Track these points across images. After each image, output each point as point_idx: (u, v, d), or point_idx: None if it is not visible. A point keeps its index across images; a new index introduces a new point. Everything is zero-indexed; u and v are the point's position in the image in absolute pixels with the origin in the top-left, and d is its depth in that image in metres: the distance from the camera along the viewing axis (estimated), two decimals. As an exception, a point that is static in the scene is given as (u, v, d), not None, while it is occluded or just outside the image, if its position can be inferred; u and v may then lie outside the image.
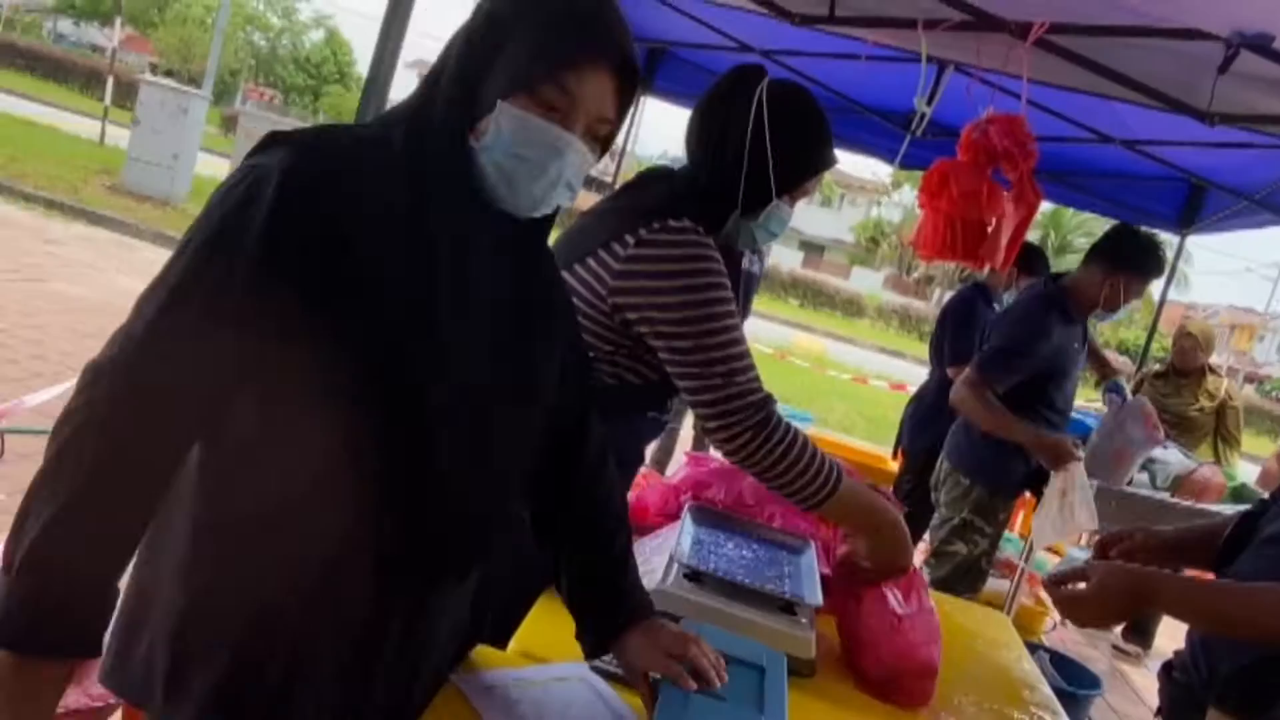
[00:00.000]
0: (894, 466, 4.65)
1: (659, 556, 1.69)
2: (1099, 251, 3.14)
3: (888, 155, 5.16)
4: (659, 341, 1.58)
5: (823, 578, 1.89)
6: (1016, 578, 3.59)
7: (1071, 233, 33.24)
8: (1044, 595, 4.35)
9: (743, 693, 1.19)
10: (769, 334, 16.20)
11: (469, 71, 1.04)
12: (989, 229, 2.57)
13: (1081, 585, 1.53)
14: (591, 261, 1.59)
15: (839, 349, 18.52)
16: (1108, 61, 2.54)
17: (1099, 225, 25.15)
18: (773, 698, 1.20)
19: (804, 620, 1.59)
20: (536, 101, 1.02)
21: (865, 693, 1.61)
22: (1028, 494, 3.52)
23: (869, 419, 9.06)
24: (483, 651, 1.38)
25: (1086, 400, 3.96)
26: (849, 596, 1.72)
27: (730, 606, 1.56)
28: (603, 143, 1.11)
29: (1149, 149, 4.21)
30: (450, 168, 1.04)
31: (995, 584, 3.83)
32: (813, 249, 44.07)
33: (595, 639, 1.28)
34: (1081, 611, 1.56)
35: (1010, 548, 4.13)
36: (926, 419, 4.06)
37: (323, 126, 1.10)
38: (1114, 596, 1.50)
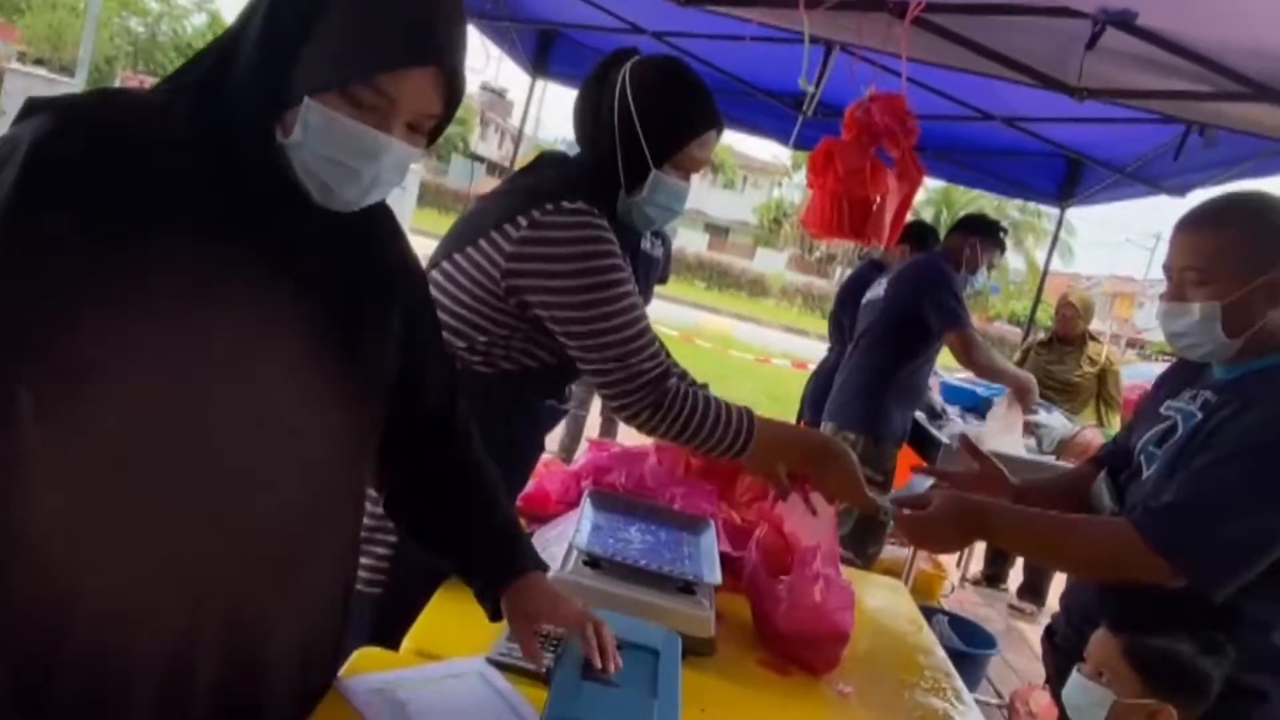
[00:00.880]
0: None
1: (559, 544, 1.67)
2: (961, 223, 3.81)
3: (782, 137, 5.23)
4: (555, 325, 1.57)
5: (725, 556, 1.93)
6: (912, 553, 3.71)
7: (963, 209, 34.40)
8: (939, 558, 4.50)
9: (636, 677, 1.18)
10: (676, 317, 16.31)
11: (273, 57, 0.93)
12: (874, 206, 2.62)
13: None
14: (484, 243, 1.57)
15: (745, 329, 18.78)
16: (983, 39, 2.62)
17: (990, 202, 26.13)
18: (666, 680, 1.19)
19: (703, 600, 1.60)
20: (349, 100, 0.93)
21: (769, 665, 1.63)
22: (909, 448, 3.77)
23: (773, 397, 9.21)
24: (370, 653, 1.34)
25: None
26: (764, 564, 1.75)
27: (629, 590, 1.55)
28: (430, 134, 1.02)
29: (1028, 126, 4.37)
30: (262, 167, 0.95)
31: (895, 552, 3.94)
32: (718, 231, 44.52)
33: (487, 588, 1.26)
34: (921, 535, 1.68)
35: (909, 516, 4.26)
36: (825, 395, 4.14)
37: (96, 90, 0.98)
38: (951, 522, 1.61)
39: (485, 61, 6.26)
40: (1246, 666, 1.47)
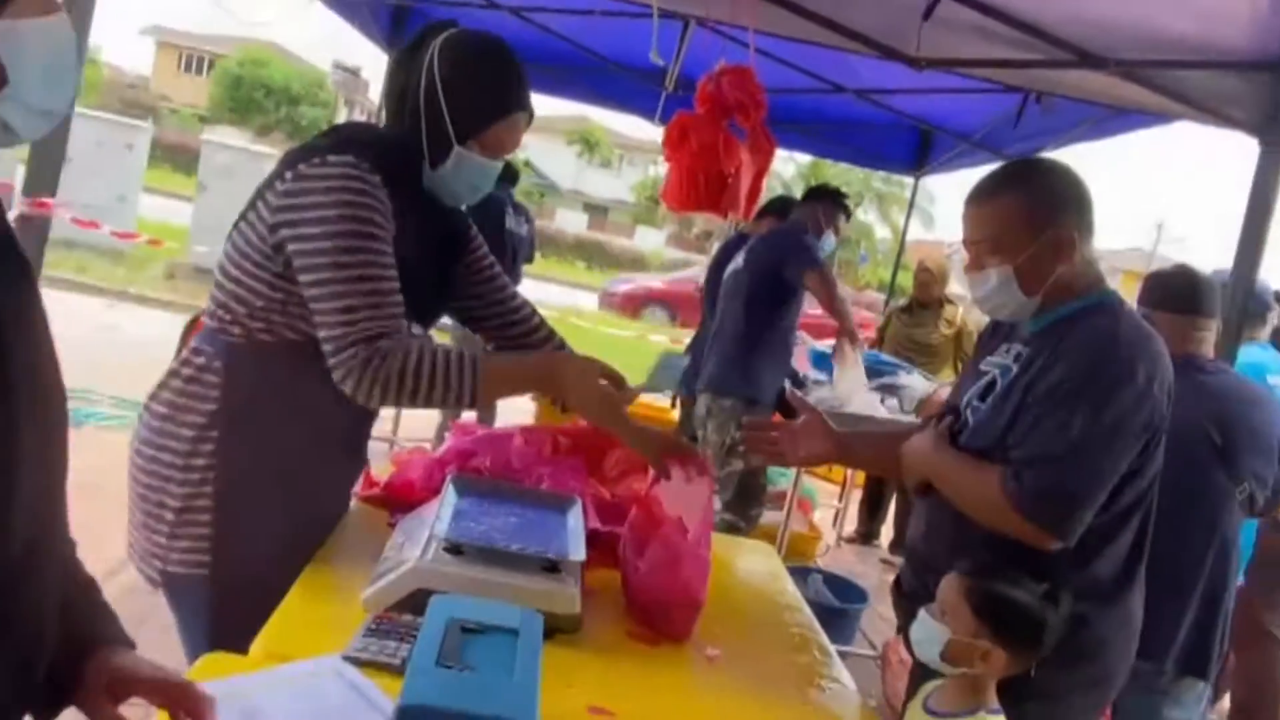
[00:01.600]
0: (674, 415, 4.79)
1: (419, 533, 1.63)
2: (806, 194, 4.07)
3: (648, 113, 5.24)
4: (301, 275, 1.53)
5: (595, 532, 1.93)
6: (788, 505, 3.81)
7: (832, 182, 35.36)
8: (814, 520, 4.65)
9: (494, 659, 1.16)
10: (557, 297, 16.24)
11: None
12: (729, 179, 2.66)
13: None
14: (258, 204, 1.56)
15: (627, 307, 18.82)
16: (825, 11, 2.68)
17: (857, 174, 26.94)
18: (525, 660, 1.18)
19: (568, 578, 1.59)
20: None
21: (638, 636, 1.65)
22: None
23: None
24: (216, 659, 1.28)
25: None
26: (633, 537, 1.75)
27: (492, 574, 1.53)
28: None
29: (879, 98, 4.51)
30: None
31: (774, 516, 4.04)
32: (596, 210, 44.46)
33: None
34: (779, 446, 1.83)
35: (782, 480, 4.38)
36: (698, 367, 4.20)
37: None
38: (813, 435, 1.78)
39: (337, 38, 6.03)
40: (1077, 585, 1.60)
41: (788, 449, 1.89)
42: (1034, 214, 1.64)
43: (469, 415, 5.45)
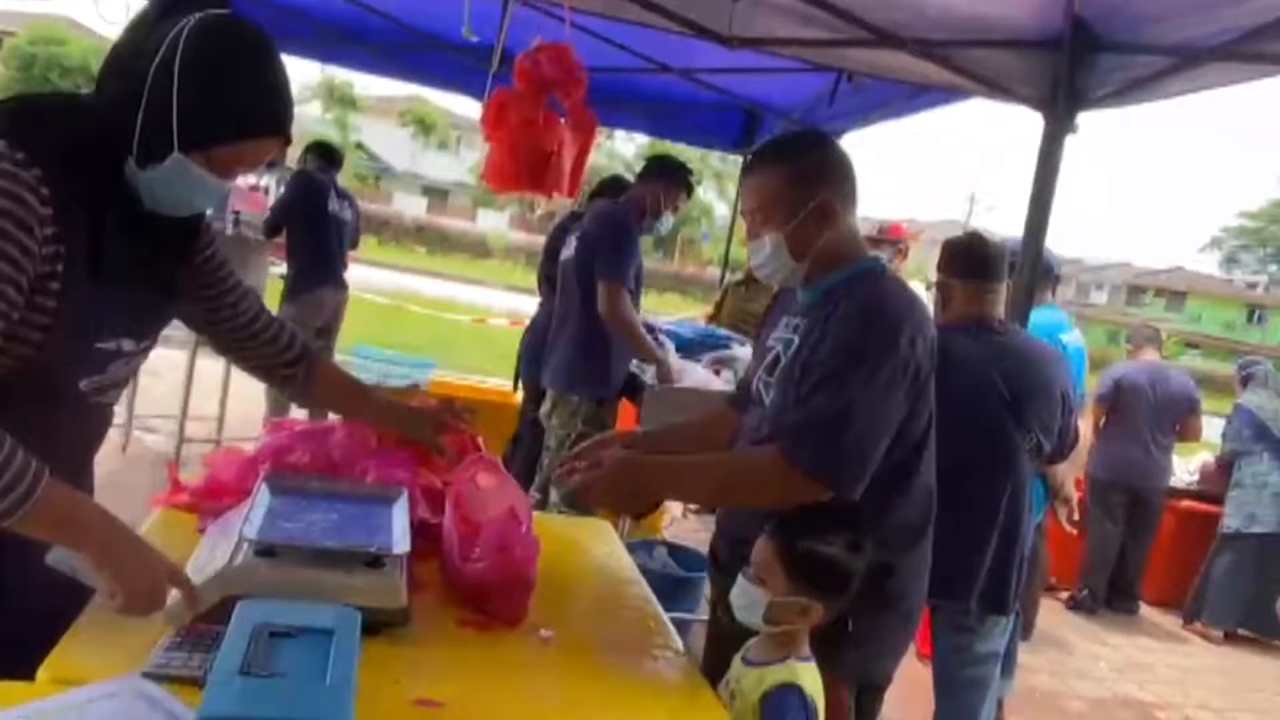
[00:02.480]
0: (517, 399, 4.76)
1: (228, 537, 1.55)
2: (647, 170, 3.78)
3: (476, 93, 5.13)
4: None
5: (425, 523, 1.89)
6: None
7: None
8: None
9: (304, 664, 1.12)
10: (395, 283, 15.79)
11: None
12: (551, 157, 2.64)
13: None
14: None
15: (469, 292, 18.56)
16: (641, -10, 2.69)
17: (694, 153, 27.42)
18: (339, 661, 1.14)
19: (393, 571, 1.55)
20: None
21: (470, 623, 1.63)
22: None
23: (501, 356, 9.21)
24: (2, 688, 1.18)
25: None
26: (456, 522, 1.73)
27: (309, 574, 1.48)
28: None
29: (705, 77, 4.58)
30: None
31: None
32: (435, 194, 43.40)
33: None
34: (593, 494, 1.74)
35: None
36: (538, 350, 4.18)
37: None
38: (618, 482, 1.71)
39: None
40: (875, 532, 1.70)
41: (589, 488, 1.75)
42: (800, 184, 1.76)
43: (299, 413, 5.24)
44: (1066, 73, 2.86)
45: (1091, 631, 5.31)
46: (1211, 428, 5.84)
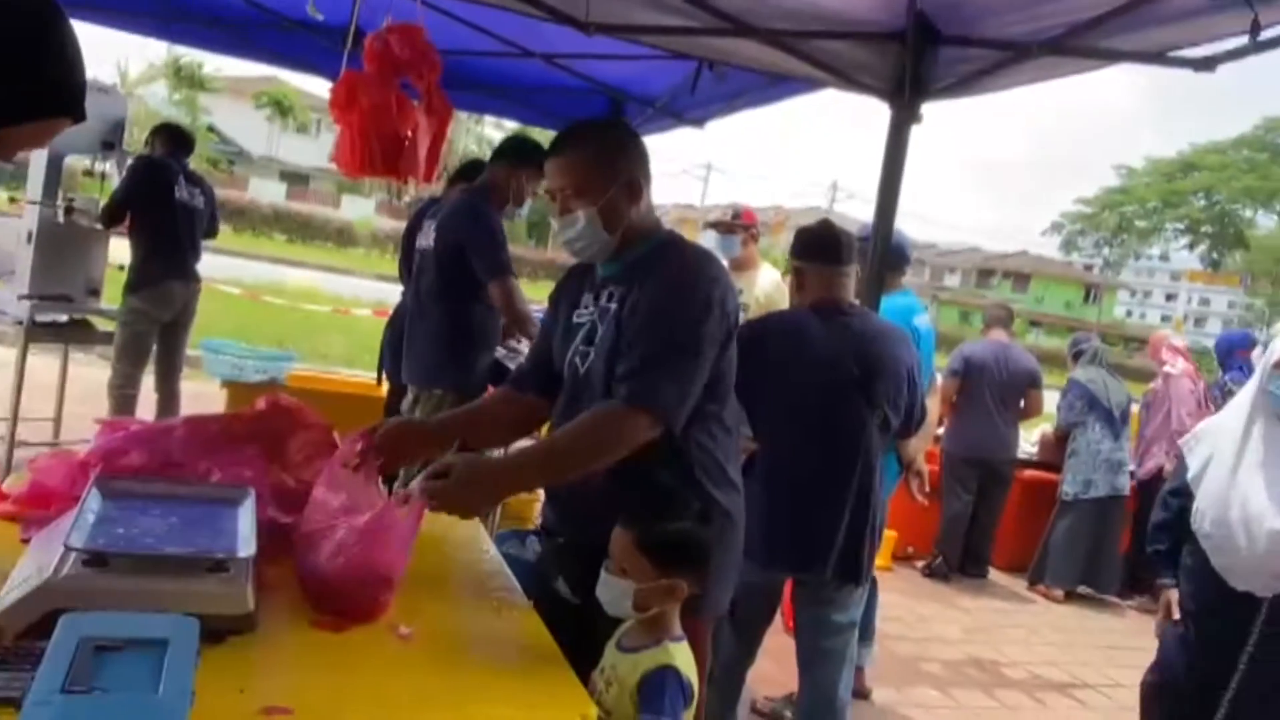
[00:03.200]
0: (383, 390, 4.63)
1: (54, 546, 1.45)
2: (502, 153, 3.55)
3: (331, 74, 4.95)
4: None
5: (275, 524, 1.82)
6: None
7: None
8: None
9: (134, 677, 1.06)
10: (254, 273, 15.10)
11: None
12: (406, 142, 2.56)
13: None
14: None
15: (333, 281, 17.94)
16: (498, -27, 2.64)
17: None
18: (174, 672, 1.09)
19: (238, 576, 1.49)
20: None
21: (324, 625, 1.58)
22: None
23: (366, 348, 8.94)
24: None
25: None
26: (313, 521, 1.71)
27: (145, 584, 1.41)
28: None
29: (567, 62, 4.55)
30: None
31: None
32: (296, 179, 41.67)
33: None
34: (448, 504, 1.73)
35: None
36: (403, 341, 4.07)
37: None
38: (469, 488, 1.73)
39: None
40: (712, 485, 1.85)
41: (436, 497, 1.73)
42: (610, 162, 1.89)
43: (145, 412, 4.95)
44: (910, 65, 2.99)
45: (946, 597, 5.60)
46: (1051, 402, 6.26)
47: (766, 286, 4.20)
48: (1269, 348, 2.59)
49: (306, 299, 12.56)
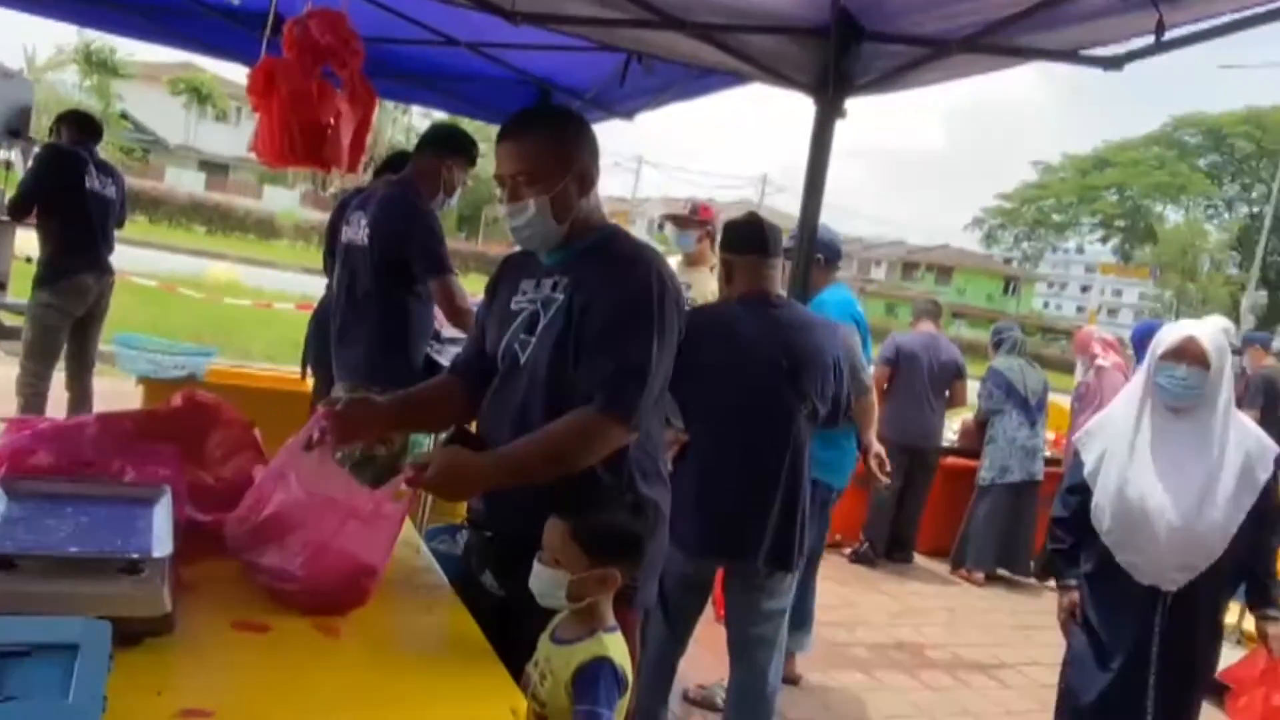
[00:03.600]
0: (309, 386, 4.53)
1: (-45, 552, 1.39)
2: (429, 143, 3.40)
3: (250, 61, 4.80)
4: None
5: (194, 523, 1.77)
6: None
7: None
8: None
9: (42, 683, 1.03)
10: (170, 266, 14.63)
11: None
12: (328, 130, 2.51)
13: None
14: None
15: (256, 274, 17.47)
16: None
17: (492, 127, 26.96)
18: (85, 676, 1.05)
19: (154, 577, 1.44)
20: None
21: (249, 626, 1.56)
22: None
23: (290, 342, 8.73)
24: None
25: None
26: (276, 520, 1.71)
27: (53, 586, 1.36)
28: None
29: (495, 52, 4.50)
30: None
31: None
32: (215, 169, 40.40)
33: None
34: (437, 491, 1.80)
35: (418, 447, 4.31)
36: (328, 334, 3.98)
37: None
38: (450, 482, 1.74)
39: None
40: (643, 481, 1.85)
41: (444, 492, 1.85)
42: (563, 151, 1.87)
43: (57, 410, 4.76)
44: (833, 60, 3.03)
45: (872, 582, 5.73)
46: (972, 391, 6.44)
47: (715, 285, 4.22)
48: (1155, 339, 2.62)
49: (227, 292, 12.21)
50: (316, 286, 4.42)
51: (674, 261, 4.38)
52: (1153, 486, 2.51)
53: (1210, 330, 2.58)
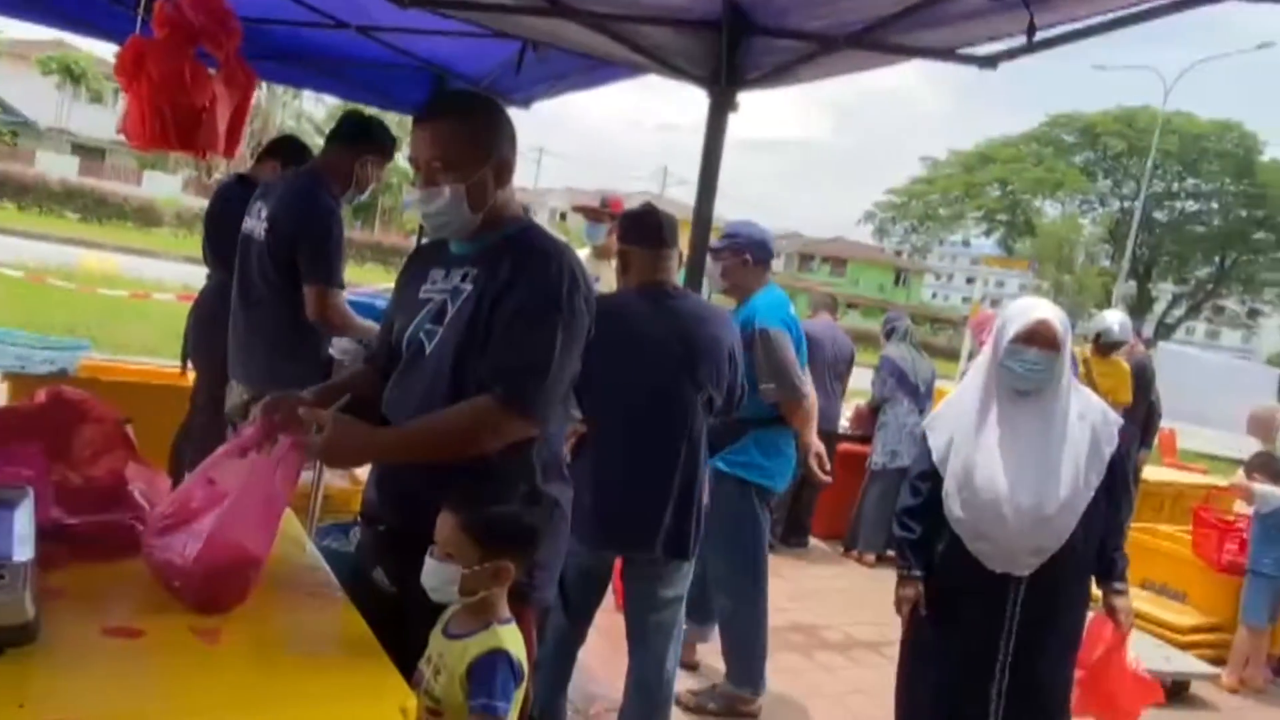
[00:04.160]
0: (189, 380, 4.35)
1: None
2: (341, 135, 3.20)
3: (122, 39, 4.56)
4: None
5: (60, 525, 1.69)
6: (318, 472, 3.64)
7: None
8: (355, 472, 4.54)
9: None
10: (41, 254, 13.82)
11: None
12: (203, 113, 2.39)
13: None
14: None
15: (134, 264, 16.65)
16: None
17: (392, 117, 26.32)
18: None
19: (15, 584, 1.37)
20: None
21: (118, 632, 1.50)
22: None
23: (170, 335, 8.36)
24: None
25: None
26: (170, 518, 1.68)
27: (-104, 597, 1.26)
28: None
29: (386, 37, 4.38)
30: None
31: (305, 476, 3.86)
32: (90, 153, 38.22)
33: None
34: (326, 456, 1.80)
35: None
36: (207, 328, 3.82)
37: None
38: (339, 447, 1.73)
39: None
40: (542, 476, 1.85)
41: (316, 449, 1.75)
42: (483, 140, 1.85)
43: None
44: (725, 53, 3.07)
45: (770, 566, 5.83)
46: (863, 378, 6.63)
47: None
48: (1002, 320, 2.56)
49: (102, 283, 11.58)
50: (199, 277, 4.23)
51: (583, 254, 4.39)
52: (1000, 470, 2.47)
53: (1056, 310, 2.55)
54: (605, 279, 4.04)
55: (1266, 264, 40.79)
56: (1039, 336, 2.47)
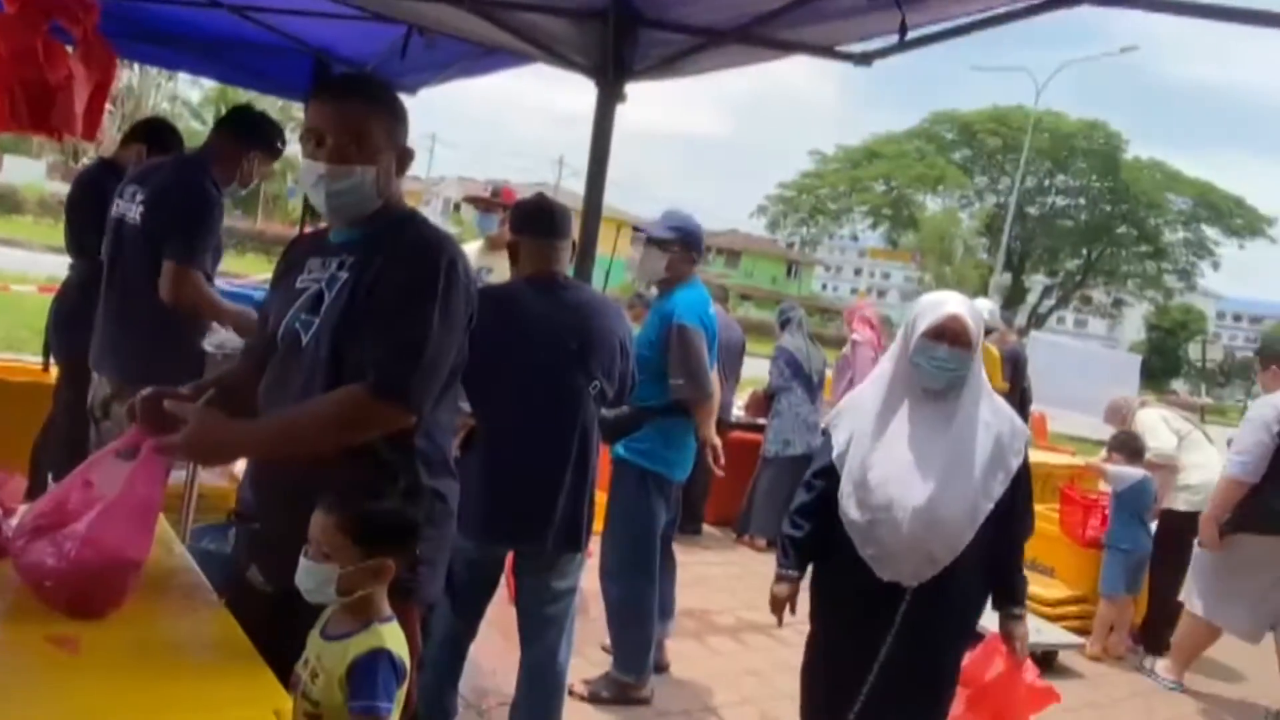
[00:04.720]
0: (52, 377, 4.10)
1: None
2: (229, 125, 3.17)
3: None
4: None
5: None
6: (191, 470, 3.50)
7: (245, 107, 32.77)
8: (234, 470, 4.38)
9: None
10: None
11: None
12: (58, 94, 2.25)
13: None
14: None
15: (-6, 254, 15.61)
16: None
17: (273, 101, 25.32)
18: None
19: None
20: None
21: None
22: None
23: (31, 329, 7.86)
24: None
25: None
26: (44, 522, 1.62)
27: None
28: None
29: (263, 18, 4.22)
30: None
31: (204, 477, 3.70)
32: (-61, 135, 35.56)
33: None
34: (189, 453, 1.72)
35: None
36: (71, 321, 3.61)
37: None
38: (200, 444, 1.68)
39: None
40: (428, 471, 1.81)
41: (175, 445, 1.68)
42: (395, 126, 1.84)
43: None
44: (612, 45, 3.07)
45: (665, 555, 5.91)
46: (760, 368, 6.76)
47: None
48: (913, 313, 2.42)
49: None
50: (63, 267, 3.99)
51: (476, 245, 4.32)
52: (897, 472, 2.31)
53: (969, 305, 2.41)
54: (499, 270, 3.98)
55: (1128, 257, 43.45)
56: (950, 333, 2.31)
